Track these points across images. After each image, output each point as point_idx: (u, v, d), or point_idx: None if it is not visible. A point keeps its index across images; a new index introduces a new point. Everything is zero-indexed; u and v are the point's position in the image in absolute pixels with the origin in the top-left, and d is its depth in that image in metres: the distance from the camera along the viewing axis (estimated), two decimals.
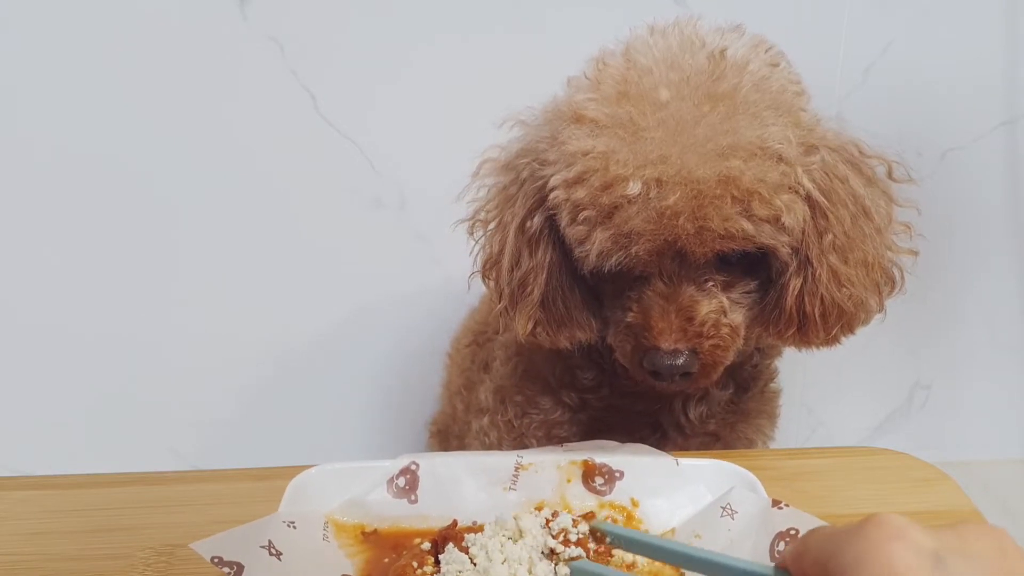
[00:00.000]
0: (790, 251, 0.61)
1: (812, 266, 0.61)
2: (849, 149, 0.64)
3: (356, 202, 1.11)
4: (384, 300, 1.18)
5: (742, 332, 0.63)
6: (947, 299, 1.28)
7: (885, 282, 0.65)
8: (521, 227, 0.64)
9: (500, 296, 0.67)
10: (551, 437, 0.75)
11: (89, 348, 1.16)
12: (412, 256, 1.14)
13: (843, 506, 0.59)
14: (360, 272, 1.16)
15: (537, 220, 0.63)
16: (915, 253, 0.67)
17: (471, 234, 0.69)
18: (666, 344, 0.59)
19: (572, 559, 0.50)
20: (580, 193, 0.57)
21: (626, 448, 0.60)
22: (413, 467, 0.57)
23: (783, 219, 0.57)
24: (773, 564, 0.38)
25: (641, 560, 0.53)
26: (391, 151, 1.09)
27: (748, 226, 0.56)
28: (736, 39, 0.61)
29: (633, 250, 0.57)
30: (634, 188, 0.55)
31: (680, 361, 0.59)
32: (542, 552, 0.52)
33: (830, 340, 0.65)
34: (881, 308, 0.65)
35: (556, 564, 0.51)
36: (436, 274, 1.15)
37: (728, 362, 0.63)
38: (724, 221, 0.55)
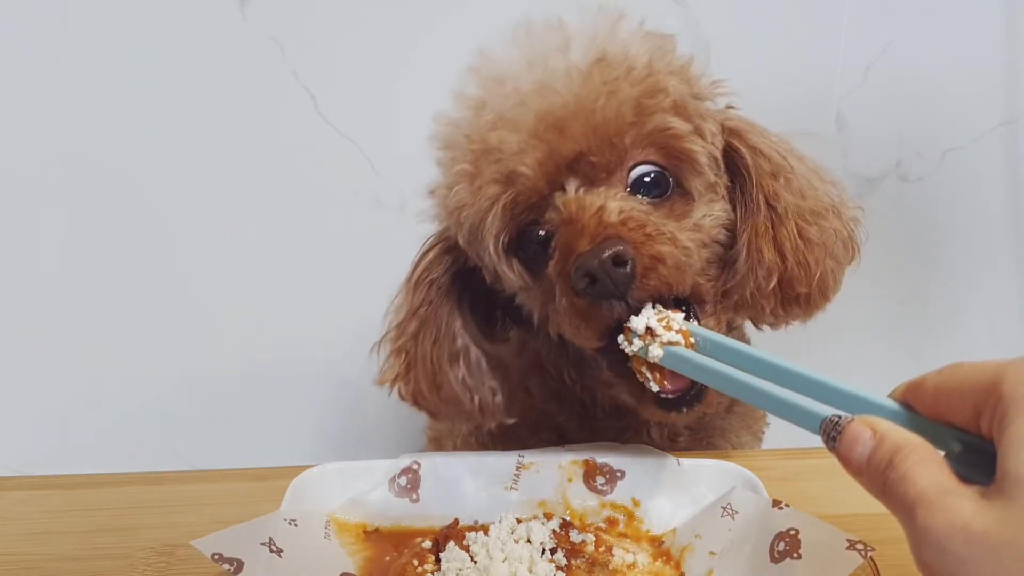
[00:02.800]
0: (717, 178, 0.58)
1: (775, 208, 0.58)
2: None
3: (356, 202, 1.11)
4: (384, 300, 1.18)
5: (693, 255, 0.55)
6: (947, 299, 1.28)
7: (851, 223, 0.61)
8: (410, 279, 0.63)
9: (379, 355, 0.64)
10: None
11: (89, 348, 1.16)
12: (412, 256, 1.14)
13: (843, 506, 0.59)
14: (360, 272, 1.16)
15: (421, 268, 0.62)
16: (857, 220, 0.63)
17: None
18: (584, 243, 0.51)
19: (670, 343, 0.49)
20: (451, 156, 0.56)
21: (628, 448, 0.60)
22: (415, 466, 0.57)
23: (687, 108, 0.54)
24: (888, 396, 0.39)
25: (641, 560, 0.53)
26: (391, 151, 1.09)
27: (633, 92, 0.53)
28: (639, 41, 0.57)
29: (517, 168, 0.53)
30: (494, 110, 0.53)
31: (607, 251, 0.50)
32: (543, 550, 0.52)
33: (813, 292, 0.59)
34: (853, 253, 0.62)
35: (649, 344, 0.50)
36: None
37: (682, 276, 0.54)
38: (599, 96, 0.52)
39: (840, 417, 0.37)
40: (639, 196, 0.56)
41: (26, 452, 1.19)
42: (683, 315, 0.52)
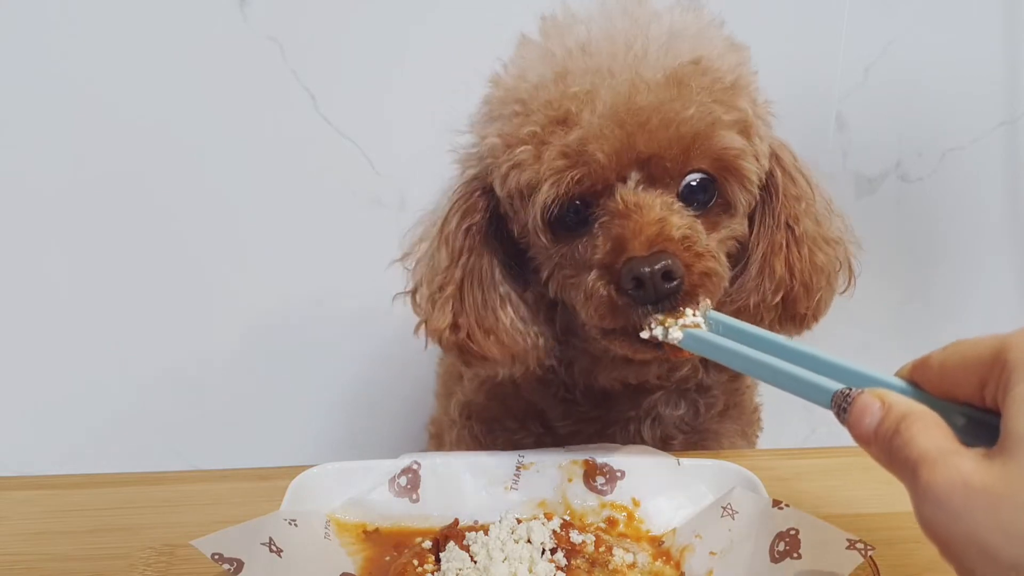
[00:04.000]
0: (760, 195, 0.59)
1: (793, 229, 0.60)
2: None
3: (356, 202, 1.11)
4: (385, 300, 1.18)
5: (723, 262, 0.58)
6: (947, 299, 1.28)
7: (850, 254, 0.64)
8: (443, 229, 0.62)
9: (419, 309, 0.64)
10: None
11: (90, 348, 1.16)
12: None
13: (843, 506, 0.59)
14: (360, 272, 1.16)
15: (456, 218, 0.62)
16: (858, 246, 0.66)
17: (407, 269, 0.67)
18: (642, 248, 0.53)
19: (690, 326, 0.51)
20: (515, 121, 0.56)
21: (628, 448, 0.60)
22: (415, 466, 0.57)
23: (753, 128, 0.56)
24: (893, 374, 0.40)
25: (641, 560, 0.53)
26: (391, 151, 1.09)
27: (716, 109, 0.54)
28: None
29: (591, 149, 0.53)
30: (578, 83, 0.53)
31: (661, 263, 0.52)
32: (543, 551, 0.52)
33: (808, 315, 0.62)
34: (848, 282, 0.64)
35: (670, 327, 0.52)
36: None
37: (720, 286, 0.57)
38: (688, 106, 0.53)
39: (851, 389, 0.39)
40: (684, 204, 0.57)
41: (26, 452, 1.19)
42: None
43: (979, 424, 0.36)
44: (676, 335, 0.52)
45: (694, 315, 0.52)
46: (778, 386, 0.44)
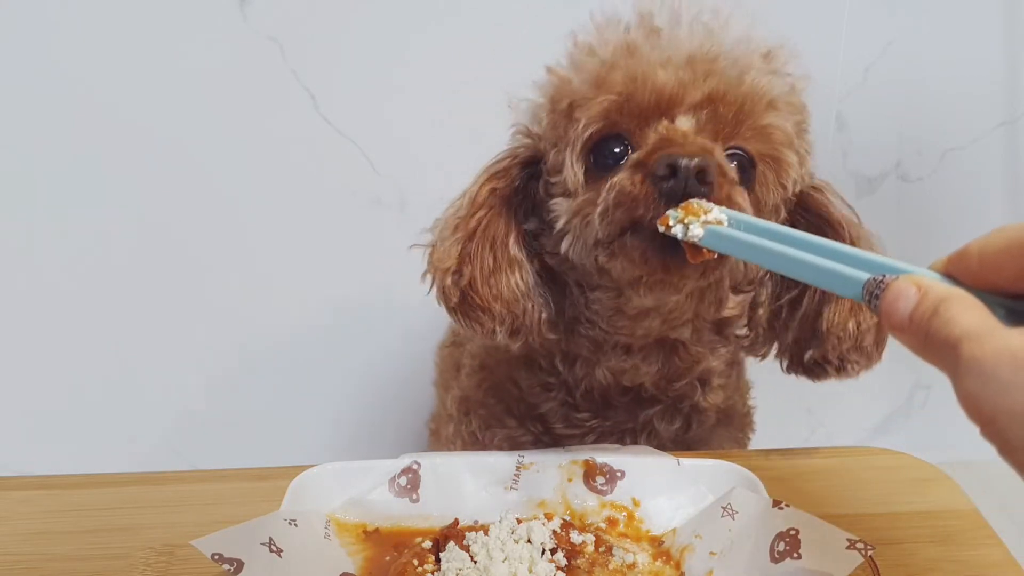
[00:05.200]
0: (785, 208, 0.59)
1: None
2: None
3: (356, 202, 1.11)
4: (385, 300, 1.18)
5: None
6: None
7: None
8: (471, 188, 0.62)
9: (430, 256, 0.64)
10: None
11: (89, 348, 1.16)
12: (412, 256, 1.14)
13: (843, 506, 0.59)
14: (360, 272, 1.16)
15: (485, 177, 0.62)
16: None
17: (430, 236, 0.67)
18: (684, 148, 0.52)
19: (712, 223, 0.48)
20: (590, 51, 0.56)
21: (627, 448, 0.60)
22: (415, 466, 0.57)
23: (806, 129, 0.56)
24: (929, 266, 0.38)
25: (641, 560, 0.53)
26: (391, 151, 1.09)
27: (777, 84, 0.54)
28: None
29: (654, 71, 0.53)
30: (660, 19, 0.54)
31: (701, 159, 0.51)
32: (543, 551, 0.52)
33: (879, 355, 0.62)
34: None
35: (690, 224, 0.49)
36: None
37: (721, 274, 0.57)
38: (750, 70, 0.54)
39: (884, 276, 0.37)
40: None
41: (26, 452, 1.19)
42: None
43: (1020, 315, 0.35)
44: (697, 232, 0.48)
45: (719, 211, 0.49)
46: (806, 279, 0.42)
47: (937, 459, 0.64)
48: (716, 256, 0.51)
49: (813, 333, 0.62)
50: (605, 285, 0.61)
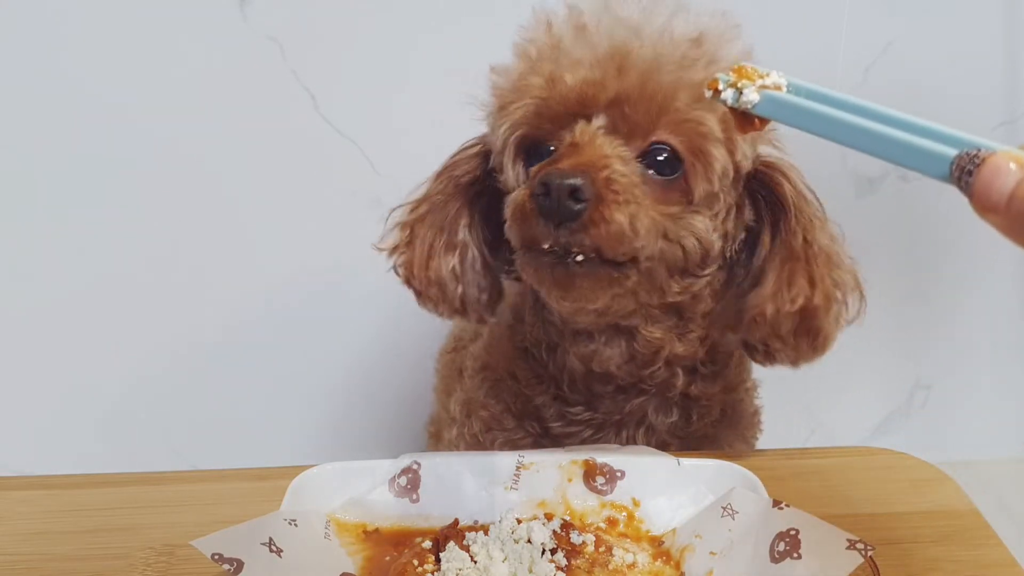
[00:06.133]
0: (725, 204, 0.59)
1: (811, 245, 0.59)
2: None
3: (356, 203, 1.11)
4: (385, 300, 1.18)
5: (642, 235, 0.55)
6: (947, 299, 1.28)
7: (852, 290, 0.62)
8: (438, 174, 0.65)
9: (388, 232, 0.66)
10: None
11: (89, 348, 1.16)
12: None
13: (843, 506, 0.59)
14: (360, 272, 1.16)
15: (449, 163, 0.64)
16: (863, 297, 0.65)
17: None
18: (565, 165, 0.53)
19: (770, 87, 0.43)
20: (522, 50, 0.58)
21: (628, 448, 0.60)
22: (415, 467, 0.57)
23: (732, 130, 0.55)
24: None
25: (641, 560, 0.53)
26: (391, 151, 1.09)
27: (697, 77, 0.53)
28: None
29: (563, 72, 0.54)
30: (585, 18, 0.55)
31: (573, 179, 0.52)
32: (543, 551, 0.52)
33: (820, 341, 0.60)
34: (859, 308, 0.62)
35: (744, 87, 0.43)
36: None
37: (617, 245, 0.54)
38: (670, 65, 0.54)
39: (979, 151, 0.34)
40: (645, 166, 0.57)
41: (26, 452, 1.19)
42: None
43: None
44: (752, 98, 0.43)
45: (778, 75, 0.44)
46: (883, 155, 0.38)
47: (937, 459, 0.64)
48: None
49: (738, 317, 0.62)
50: None
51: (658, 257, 0.58)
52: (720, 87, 0.44)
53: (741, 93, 0.43)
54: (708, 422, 0.70)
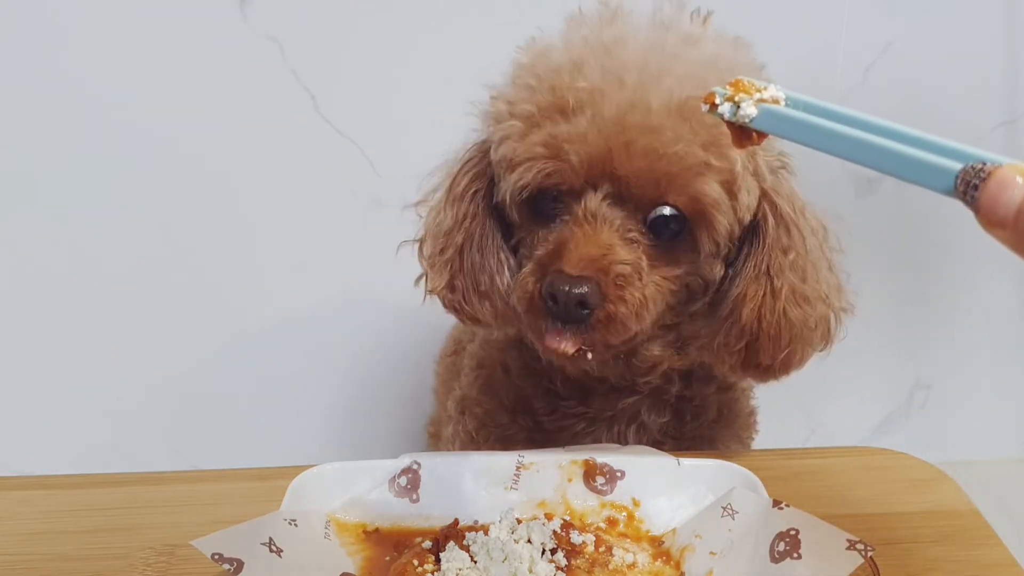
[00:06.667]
0: (728, 245, 0.59)
1: (773, 280, 0.59)
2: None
3: (356, 202, 1.11)
4: (384, 300, 1.18)
5: (651, 310, 0.58)
6: (947, 299, 1.28)
7: (835, 316, 0.62)
8: (449, 189, 0.64)
9: (423, 261, 0.66)
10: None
11: (89, 348, 1.16)
12: (413, 257, 1.14)
13: (843, 506, 0.59)
14: (360, 272, 1.16)
15: (465, 180, 0.63)
16: (851, 309, 0.64)
17: (420, 216, 0.69)
18: (571, 267, 0.55)
19: (768, 101, 0.42)
20: (522, 94, 0.56)
21: (628, 448, 0.60)
22: (415, 467, 0.57)
23: (737, 183, 0.55)
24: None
25: (641, 560, 0.53)
26: (391, 151, 1.09)
27: (701, 154, 0.53)
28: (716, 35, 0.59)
29: (567, 149, 0.54)
30: (587, 80, 0.53)
31: (580, 289, 0.54)
32: (543, 551, 0.52)
33: (775, 366, 0.61)
34: (826, 343, 0.62)
35: (741, 101, 0.42)
36: None
37: (625, 335, 0.57)
38: (676, 142, 0.53)
39: (984, 164, 0.32)
40: (650, 231, 0.58)
41: (26, 452, 1.19)
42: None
43: None
44: (749, 112, 0.42)
45: (776, 88, 0.43)
46: (885, 169, 0.37)
47: (937, 459, 0.64)
48: (758, 136, 0.45)
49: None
50: None
51: (645, 322, 0.59)
52: (717, 101, 0.43)
53: (739, 107, 0.42)
54: (703, 422, 0.70)
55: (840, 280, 0.63)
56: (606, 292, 0.55)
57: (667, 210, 0.57)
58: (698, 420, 0.70)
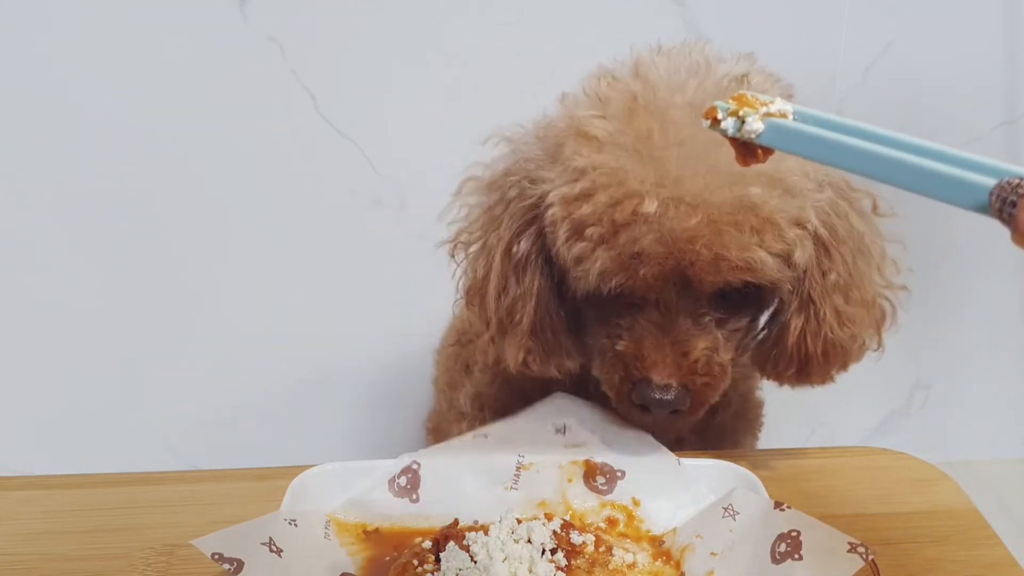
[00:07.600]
0: (791, 288, 0.60)
1: (815, 305, 0.60)
2: (840, 184, 0.63)
3: (356, 202, 1.11)
4: (384, 300, 1.18)
5: (729, 370, 0.61)
6: (947, 299, 1.28)
7: (882, 319, 0.65)
8: (508, 251, 0.62)
9: (487, 325, 0.65)
10: None
11: (90, 348, 1.16)
12: (412, 256, 1.14)
13: (843, 506, 0.59)
14: (360, 272, 1.16)
15: (524, 244, 0.61)
16: (905, 288, 0.67)
17: (452, 256, 0.68)
18: (659, 377, 0.58)
19: (775, 115, 0.39)
20: (585, 209, 0.55)
21: (628, 448, 0.60)
22: (415, 466, 0.57)
23: (795, 255, 0.56)
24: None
25: (641, 560, 0.53)
26: (391, 151, 1.09)
27: (765, 257, 0.54)
28: (748, 67, 0.60)
29: (641, 272, 0.55)
30: (650, 206, 0.53)
31: (670, 396, 0.58)
32: (543, 551, 0.52)
33: (828, 379, 0.64)
34: (879, 345, 0.66)
35: (746, 116, 0.40)
36: (436, 274, 1.15)
37: (715, 400, 0.61)
38: (741, 250, 0.54)
39: (1022, 179, 0.31)
40: (716, 302, 0.59)
41: (26, 452, 1.19)
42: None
43: None
44: (755, 127, 0.40)
45: (783, 102, 0.40)
46: (902, 184, 0.34)
47: (937, 459, 0.64)
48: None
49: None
50: None
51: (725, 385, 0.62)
52: (719, 116, 0.41)
53: (743, 122, 0.40)
54: (727, 415, 0.73)
55: (887, 274, 0.66)
56: (695, 390, 0.58)
57: (729, 287, 0.58)
58: (726, 412, 0.73)
